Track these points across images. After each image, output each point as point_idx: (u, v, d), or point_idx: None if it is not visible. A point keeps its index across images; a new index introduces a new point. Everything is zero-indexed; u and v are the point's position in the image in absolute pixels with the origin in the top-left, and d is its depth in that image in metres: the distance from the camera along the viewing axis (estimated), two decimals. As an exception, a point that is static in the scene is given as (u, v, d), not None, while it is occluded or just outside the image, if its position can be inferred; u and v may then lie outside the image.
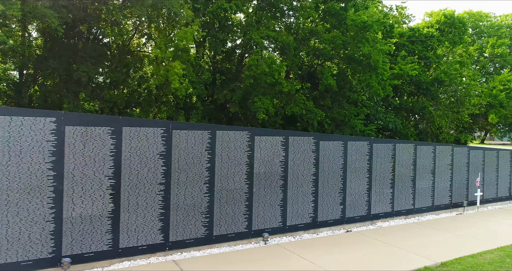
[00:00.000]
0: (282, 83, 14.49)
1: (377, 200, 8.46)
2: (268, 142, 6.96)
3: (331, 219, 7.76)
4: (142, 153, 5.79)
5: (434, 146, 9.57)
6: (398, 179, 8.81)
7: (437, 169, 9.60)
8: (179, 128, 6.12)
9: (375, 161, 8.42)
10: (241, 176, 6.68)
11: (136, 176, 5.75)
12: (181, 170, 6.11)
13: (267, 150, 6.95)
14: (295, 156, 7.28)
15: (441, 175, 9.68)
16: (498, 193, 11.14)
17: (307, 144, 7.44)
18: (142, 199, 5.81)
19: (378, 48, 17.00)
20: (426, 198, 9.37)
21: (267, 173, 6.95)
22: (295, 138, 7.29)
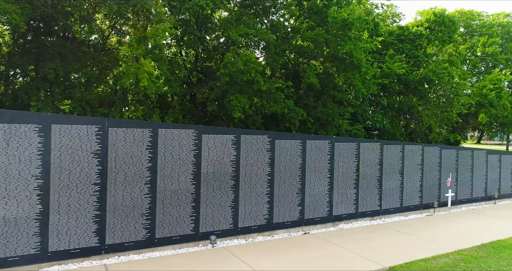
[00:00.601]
0: (259, 82, 14.21)
1: (340, 201, 8.18)
2: (217, 141, 6.68)
3: (288, 221, 7.47)
4: (74, 151, 5.51)
5: (402, 145, 9.29)
6: (363, 179, 8.53)
7: (406, 169, 9.31)
8: (116, 126, 5.84)
9: (337, 161, 8.13)
10: (187, 176, 6.39)
11: (67, 176, 5.46)
12: (119, 170, 5.82)
13: (216, 148, 6.66)
14: (247, 155, 6.99)
15: (411, 175, 9.39)
16: (473, 193, 10.85)
17: (261, 143, 7.15)
18: (75, 200, 5.52)
19: (360, 46, 16.70)
20: (394, 199, 9.08)
21: (217, 172, 6.67)
22: (247, 137, 7.01)
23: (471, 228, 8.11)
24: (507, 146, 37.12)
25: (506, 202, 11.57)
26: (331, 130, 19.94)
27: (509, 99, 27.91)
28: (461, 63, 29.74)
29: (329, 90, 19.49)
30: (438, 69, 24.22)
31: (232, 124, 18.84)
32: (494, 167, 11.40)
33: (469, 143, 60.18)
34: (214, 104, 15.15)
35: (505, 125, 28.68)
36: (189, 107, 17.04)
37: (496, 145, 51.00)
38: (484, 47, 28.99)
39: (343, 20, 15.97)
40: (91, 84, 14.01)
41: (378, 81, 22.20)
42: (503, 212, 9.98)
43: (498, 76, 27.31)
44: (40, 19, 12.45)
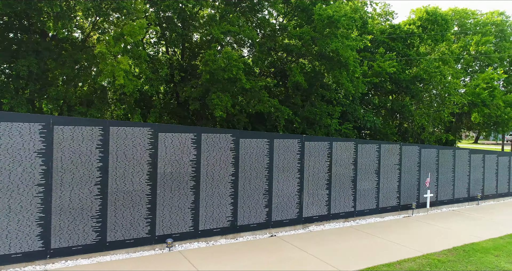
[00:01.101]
0: (241, 80, 13.93)
1: (311, 202, 7.89)
2: (175, 140, 6.38)
3: (254, 223, 7.18)
4: (14, 150, 5.21)
5: (379, 144, 9.00)
6: (336, 179, 8.24)
7: (383, 169, 9.02)
8: (63, 123, 5.54)
9: (308, 160, 7.84)
10: (142, 176, 6.10)
11: (7, 177, 5.17)
12: (66, 170, 5.53)
13: (174, 148, 6.37)
14: (209, 155, 6.70)
15: (388, 175, 9.10)
16: (454, 194, 10.56)
17: (224, 142, 6.86)
18: (16, 202, 5.23)
19: (346, 44, 16.39)
20: (369, 200, 8.79)
21: (175, 173, 6.37)
22: (209, 135, 6.71)
23: (446, 230, 7.82)
24: (503, 146, 36.85)
25: (489, 203, 11.28)
26: (319, 130, 19.67)
27: (503, 98, 27.63)
28: (455, 63, 29.49)
29: (317, 89, 19.20)
30: (430, 68, 23.94)
31: (219, 124, 18.55)
32: (477, 167, 11.12)
33: (466, 142, 59.83)
34: (196, 103, 14.84)
35: (498, 125, 28.36)
36: (172, 106, 16.74)
37: (494, 145, 50.68)
38: (478, 46, 28.70)
39: (328, 17, 15.68)
40: (69, 82, 13.72)
41: (368, 80, 21.91)
42: (484, 213, 9.69)
43: (491, 75, 27.02)
44: (15, 16, 12.16)
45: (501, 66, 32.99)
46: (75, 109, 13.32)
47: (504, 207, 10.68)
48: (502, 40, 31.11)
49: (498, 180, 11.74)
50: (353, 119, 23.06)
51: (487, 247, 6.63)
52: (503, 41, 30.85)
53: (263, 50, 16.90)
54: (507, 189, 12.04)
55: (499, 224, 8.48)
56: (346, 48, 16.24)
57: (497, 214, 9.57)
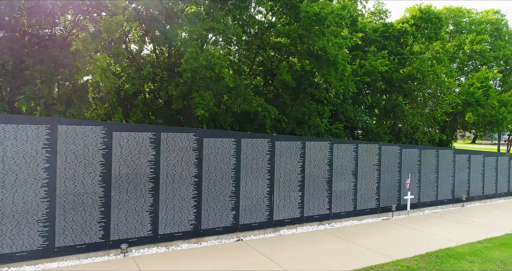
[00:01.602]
0: (224, 78, 13.59)
1: (282, 204, 7.55)
2: (131, 139, 6.05)
3: (220, 227, 6.84)
4: (-51, 150, 4.88)
5: (356, 144, 8.66)
6: (310, 180, 7.90)
7: (361, 170, 8.68)
8: (5, 122, 5.21)
9: (279, 161, 7.50)
10: (94, 178, 5.76)
11: None
12: (8, 171, 5.19)
13: (130, 147, 6.03)
14: (169, 155, 6.36)
15: (366, 176, 8.76)
16: (438, 195, 10.22)
17: (186, 141, 6.52)
18: (-49, 206, 4.89)
19: (334, 41, 16.05)
20: (346, 202, 8.45)
21: (131, 174, 6.04)
22: (169, 135, 6.38)
23: (423, 234, 7.48)
24: (498, 146, 36.48)
25: (475, 205, 10.94)
26: (308, 129, 19.34)
27: (498, 97, 27.29)
28: (450, 62, 29.15)
29: (306, 88, 18.86)
30: (423, 67, 23.60)
31: (205, 123, 18.22)
32: (462, 168, 10.77)
33: (463, 143, 59.49)
34: (179, 102, 14.50)
35: (493, 125, 28.01)
36: (155, 105, 16.40)
37: (491, 145, 50.29)
38: (472, 44, 28.36)
39: (315, 14, 15.35)
40: (48, 81, 13.38)
41: (358, 79, 21.56)
42: (467, 215, 9.35)
43: (486, 74, 26.67)
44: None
45: (497, 66, 32.66)
46: (54, 108, 12.99)
47: (489, 209, 10.34)
48: (498, 39, 30.78)
49: (484, 181, 11.40)
50: (344, 119, 22.73)
51: (463, 252, 6.29)
52: (498, 40, 30.51)
53: (251, 48, 16.57)
54: (494, 190, 11.70)
55: (480, 227, 8.14)
56: (333, 46, 15.91)
57: (480, 217, 9.23)
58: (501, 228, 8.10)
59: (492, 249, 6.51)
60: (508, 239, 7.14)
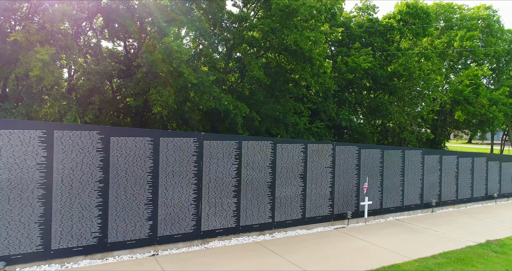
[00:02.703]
0: (184, 73, 12.67)
1: (212, 213, 6.63)
2: (14, 138, 5.12)
3: (133, 239, 5.92)
4: None
5: (304, 143, 7.73)
6: (247, 185, 6.98)
7: (311, 172, 7.76)
8: None
9: (208, 163, 6.58)
10: (-37, 185, 4.84)
11: None
12: None
13: (13, 148, 5.11)
14: (66, 157, 5.44)
15: (317, 179, 7.84)
16: (404, 200, 9.30)
17: (87, 141, 5.60)
18: None
19: (306, 35, 15.12)
20: (292, 209, 7.53)
21: (14, 179, 5.12)
22: (64, 133, 5.45)
23: (372, 247, 6.56)
24: (492, 146, 35.53)
25: (446, 210, 10.02)
26: (284, 128, 18.42)
27: (488, 96, 26.35)
28: (440, 59, 28.21)
29: (282, 85, 17.94)
30: (409, 63, 22.67)
31: (173, 121, 17.30)
32: (432, 170, 9.85)
33: (458, 142, 58.45)
34: (139, 99, 13.60)
35: (484, 124, 27.07)
36: (115, 103, 15.47)
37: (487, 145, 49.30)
38: (462, 41, 27.41)
39: (285, 6, 14.45)
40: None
41: (338, 75, 20.65)
42: (432, 224, 8.43)
43: (475, 71, 25.73)
44: None
45: (490, 63, 31.73)
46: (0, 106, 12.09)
47: (461, 215, 9.42)
48: (489, 35, 29.83)
49: (458, 184, 10.48)
50: (326, 118, 21.79)
51: (409, 271, 5.38)
52: (489, 37, 29.57)
53: (219, 42, 15.64)
54: (469, 194, 10.78)
55: (442, 238, 7.23)
56: (306, 40, 14.97)
57: (446, 224, 8.31)
58: (464, 239, 7.18)
59: (444, 266, 5.60)
60: (467, 253, 6.22)
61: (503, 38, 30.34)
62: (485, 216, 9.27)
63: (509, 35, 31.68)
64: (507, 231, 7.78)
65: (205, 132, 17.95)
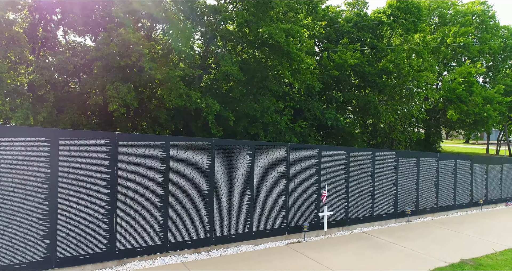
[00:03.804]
0: (144, 67, 11.59)
1: (131, 228, 5.55)
2: None
3: (24, 263, 4.84)
4: None
5: (251, 145, 6.65)
6: (178, 195, 5.90)
7: (259, 179, 6.68)
8: None
9: (125, 169, 5.50)
10: None
11: None
12: None
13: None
14: None
15: (267, 187, 6.77)
16: (374, 209, 8.22)
17: (-43, 142, 4.52)
18: None
19: (280, 27, 14.05)
20: (236, 222, 6.45)
21: None
22: None
23: (316, 268, 5.47)
24: (487, 146, 34.45)
25: (424, 220, 8.94)
26: (262, 127, 17.35)
27: (482, 94, 25.25)
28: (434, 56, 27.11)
29: (260, 82, 16.86)
30: (398, 59, 21.58)
31: (145, 122, 16.24)
32: (408, 174, 8.77)
33: (456, 142, 57.33)
34: (99, 96, 12.53)
35: (478, 123, 25.99)
36: (81, 100, 14.40)
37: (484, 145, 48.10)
38: (455, 37, 26.31)
39: (258, -5, 13.37)
40: None
41: (320, 72, 19.60)
42: (403, 236, 7.35)
43: (469, 68, 24.66)
44: None
45: (486, 61, 30.64)
46: None
47: (439, 226, 8.34)
48: (484, 31, 28.75)
49: (439, 190, 9.40)
50: (311, 117, 20.70)
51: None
52: (484, 33, 28.48)
53: (188, 34, 14.57)
54: (452, 200, 9.70)
55: (409, 256, 6.15)
56: (280, 33, 13.88)
57: (420, 238, 7.24)
58: (435, 257, 6.10)
59: (400, 297, 4.52)
60: (432, 278, 5.15)
61: (498, 35, 29.26)
62: (466, 227, 8.19)
63: (505, 32, 30.58)
64: (487, 247, 6.70)
65: (172, 132, 16.97)
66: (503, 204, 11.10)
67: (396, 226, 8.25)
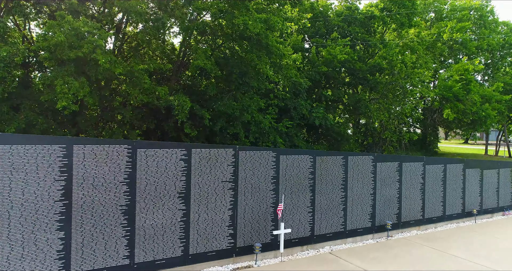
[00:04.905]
0: (98, 60, 10.39)
1: (17, 254, 4.31)
2: None
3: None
4: None
5: (186, 148, 5.41)
6: (85, 211, 4.67)
7: (197, 190, 5.45)
8: None
9: (7, 180, 4.27)
10: None
11: None
12: None
13: None
14: None
15: (208, 199, 5.53)
16: (347, 223, 6.98)
17: None
18: None
19: (256, 17, 12.80)
20: (166, 244, 5.21)
21: None
22: None
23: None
24: (486, 146, 33.19)
25: (409, 234, 7.70)
26: (242, 127, 16.11)
27: (480, 92, 24.00)
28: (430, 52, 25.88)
29: (238, 78, 15.62)
30: (390, 54, 20.34)
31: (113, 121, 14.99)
32: (388, 181, 7.54)
33: (454, 143, 56.05)
34: (50, 93, 11.28)
35: (476, 123, 24.73)
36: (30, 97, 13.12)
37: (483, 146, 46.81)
38: (452, 32, 25.06)
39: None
40: None
41: (306, 68, 18.37)
42: (376, 258, 6.11)
43: (466, 66, 23.40)
44: None
45: (485, 59, 29.40)
46: None
47: (423, 243, 7.10)
48: (482, 27, 27.50)
49: (425, 199, 8.16)
50: (297, 116, 19.47)
51: None
52: (482, 28, 27.23)
53: (158, 26, 13.31)
54: (441, 211, 8.46)
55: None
56: (256, 23, 12.64)
57: (395, 262, 6.00)
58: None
59: None
60: None
61: (497, 31, 28.01)
62: (454, 245, 6.96)
63: (504, 28, 29.32)
64: (478, 274, 5.48)
65: (143, 133, 15.73)
66: (500, 213, 9.86)
67: (373, 243, 7.01)
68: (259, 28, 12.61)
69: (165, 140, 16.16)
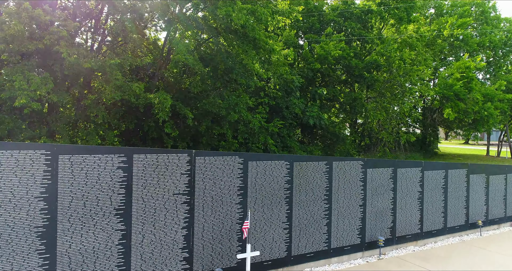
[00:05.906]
0: (61, 53, 9.36)
1: None
2: None
3: None
4: None
5: (126, 154, 4.37)
6: None
7: (140, 205, 4.41)
8: None
9: None
10: None
11: None
12: None
13: None
14: None
15: (155, 217, 4.50)
16: (331, 241, 5.95)
17: None
18: None
19: (240, 7, 11.76)
20: (99, 267, 4.18)
21: None
22: None
23: None
24: (488, 147, 32.12)
25: (404, 251, 6.66)
26: (229, 127, 15.09)
27: (482, 91, 22.97)
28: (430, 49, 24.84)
29: (224, 75, 14.59)
30: (387, 51, 19.32)
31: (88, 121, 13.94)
32: (381, 190, 6.51)
33: (454, 143, 54.99)
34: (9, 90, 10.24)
35: (477, 122, 23.69)
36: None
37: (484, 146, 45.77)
38: (453, 28, 24.01)
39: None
40: None
41: (300, 66, 17.36)
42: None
43: (467, 63, 22.37)
44: None
45: (487, 56, 28.37)
46: None
47: (419, 263, 6.08)
48: (484, 23, 26.46)
49: (424, 210, 7.13)
50: (290, 115, 18.45)
51: None
52: (484, 25, 26.20)
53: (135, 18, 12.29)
54: (442, 223, 7.43)
55: None
56: (240, 14, 11.61)
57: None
58: None
59: None
60: None
61: (499, 27, 26.98)
62: (456, 266, 5.92)
63: (507, 25, 28.27)
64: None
65: (121, 133, 14.69)
66: (508, 224, 8.83)
67: (361, 264, 5.98)
68: (244, 19, 11.57)
69: (146, 141, 15.15)
